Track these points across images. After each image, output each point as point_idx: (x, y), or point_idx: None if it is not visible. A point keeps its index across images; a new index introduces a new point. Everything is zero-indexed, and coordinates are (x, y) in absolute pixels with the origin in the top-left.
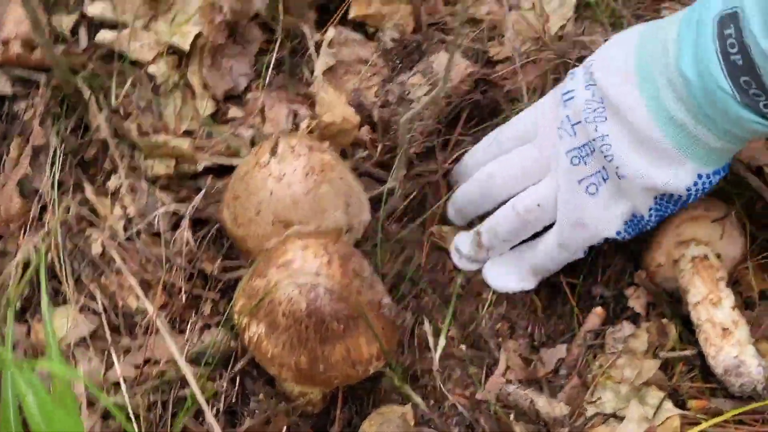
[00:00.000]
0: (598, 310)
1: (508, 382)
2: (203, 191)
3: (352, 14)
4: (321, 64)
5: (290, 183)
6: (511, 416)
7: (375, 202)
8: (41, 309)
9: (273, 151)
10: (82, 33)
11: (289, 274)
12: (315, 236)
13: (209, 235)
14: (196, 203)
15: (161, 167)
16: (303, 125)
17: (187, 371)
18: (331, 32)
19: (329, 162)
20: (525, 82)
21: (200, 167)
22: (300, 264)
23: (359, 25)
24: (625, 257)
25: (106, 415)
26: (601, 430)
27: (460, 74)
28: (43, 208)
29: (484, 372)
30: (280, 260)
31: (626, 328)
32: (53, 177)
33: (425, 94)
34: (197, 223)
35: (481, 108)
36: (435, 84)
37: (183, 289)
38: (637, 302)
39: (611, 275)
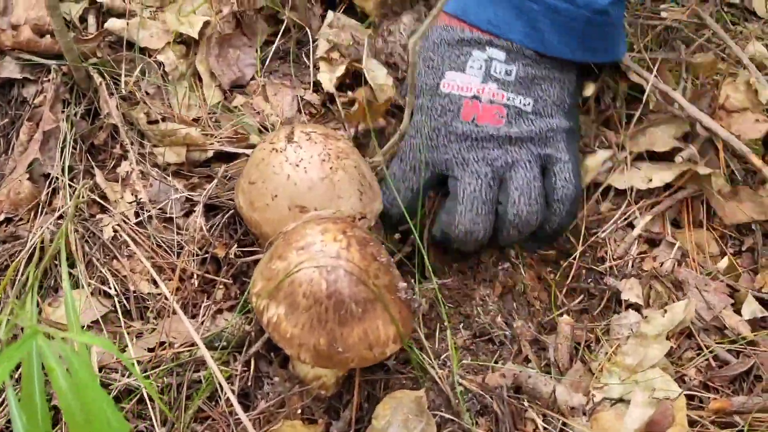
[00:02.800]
0: (566, 318)
1: (526, 364)
2: (216, 180)
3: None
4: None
5: (307, 168)
6: (525, 402)
7: None
8: (52, 292)
9: (289, 138)
10: (91, 20)
11: (310, 256)
12: (333, 221)
13: (222, 222)
14: (210, 190)
15: (172, 155)
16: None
17: (206, 353)
18: (330, 15)
19: (345, 149)
20: None
21: (210, 154)
22: (320, 247)
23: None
24: None
25: (118, 398)
26: (608, 414)
27: None
28: (53, 193)
29: (493, 360)
30: (299, 243)
31: (631, 315)
32: (63, 162)
33: None
34: (209, 209)
35: None
36: None
37: (195, 274)
38: (631, 293)
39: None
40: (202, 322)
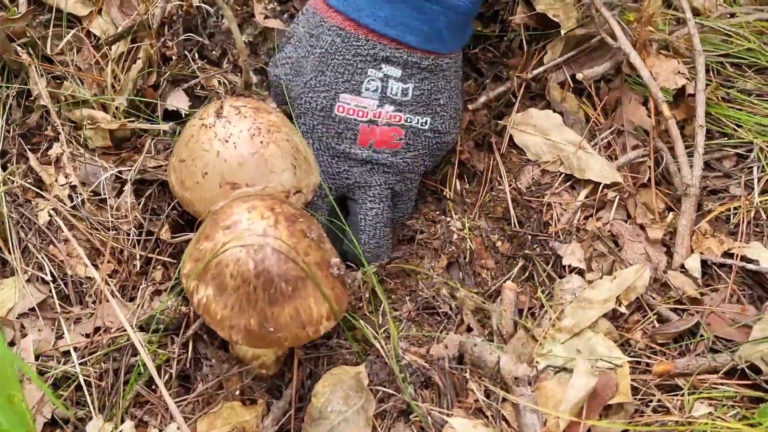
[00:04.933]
0: (509, 285)
1: (469, 333)
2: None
3: None
4: None
5: (236, 144)
6: (467, 373)
7: None
8: None
9: (218, 113)
10: None
11: (236, 235)
12: (261, 198)
13: (153, 194)
14: (138, 165)
15: (98, 139)
16: None
17: (137, 340)
18: None
19: (276, 123)
20: None
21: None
22: (246, 225)
23: None
24: None
25: (56, 385)
26: (552, 383)
27: None
28: None
29: (438, 331)
30: (226, 222)
31: (575, 279)
32: None
33: None
34: (140, 183)
35: None
36: None
37: (133, 255)
38: (572, 258)
39: None
40: (140, 305)
